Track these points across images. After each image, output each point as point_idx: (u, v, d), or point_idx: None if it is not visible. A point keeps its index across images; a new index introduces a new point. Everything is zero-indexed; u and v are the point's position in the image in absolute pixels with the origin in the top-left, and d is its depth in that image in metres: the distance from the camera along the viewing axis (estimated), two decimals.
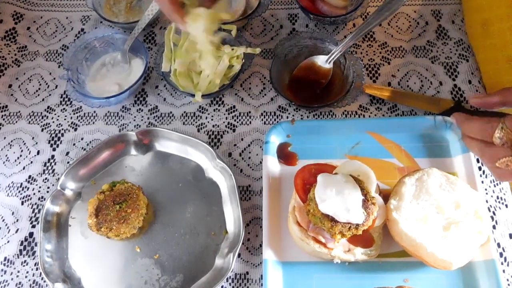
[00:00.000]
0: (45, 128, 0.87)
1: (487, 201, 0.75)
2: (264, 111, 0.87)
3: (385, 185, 0.75)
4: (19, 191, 0.81)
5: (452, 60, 0.91)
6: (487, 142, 0.56)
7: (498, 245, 0.72)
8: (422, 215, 0.67)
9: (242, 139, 0.84)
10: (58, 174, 0.82)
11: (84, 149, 0.85)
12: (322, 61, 0.85)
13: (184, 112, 0.88)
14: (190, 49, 0.85)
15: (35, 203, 0.80)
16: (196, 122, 0.87)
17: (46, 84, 0.93)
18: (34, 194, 0.81)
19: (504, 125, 0.53)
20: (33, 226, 0.78)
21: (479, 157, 0.60)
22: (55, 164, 0.83)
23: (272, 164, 0.78)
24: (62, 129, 0.87)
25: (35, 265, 0.75)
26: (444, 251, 0.64)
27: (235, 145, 0.84)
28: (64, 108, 0.90)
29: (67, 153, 0.84)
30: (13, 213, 0.79)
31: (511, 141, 0.52)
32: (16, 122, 0.88)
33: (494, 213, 0.74)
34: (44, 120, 0.88)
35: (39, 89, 0.92)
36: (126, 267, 0.73)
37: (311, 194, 0.67)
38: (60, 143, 0.86)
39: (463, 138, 0.62)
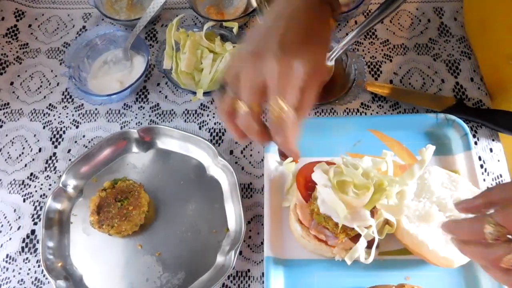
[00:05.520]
0: (47, 126, 0.87)
1: None
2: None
3: None
4: (21, 189, 0.81)
5: (454, 58, 0.91)
6: (483, 243, 0.49)
7: None
8: (424, 213, 0.67)
9: None
10: (59, 172, 0.82)
11: (86, 147, 0.85)
12: None
13: (186, 109, 0.88)
14: (193, 49, 0.85)
15: (37, 201, 0.80)
16: (197, 120, 0.87)
17: (48, 81, 0.93)
18: (36, 191, 0.81)
19: (493, 220, 0.48)
20: (35, 224, 0.78)
21: (479, 261, 0.52)
22: (56, 161, 0.84)
23: (273, 162, 0.78)
24: (64, 126, 0.87)
25: (37, 262, 0.75)
26: (446, 249, 0.64)
27: (236, 142, 0.84)
28: (65, 106, 0.90)
29: (69, 151, 0.84)
30: (15, 210, 0.79)
31: (503, 236, 0.47)
32: (18, 119, 0.88)
33: None
34: (46, 117, 0.88)
35: (41, 86, 0.92)
36: (128, 264, 0.73)
37: (315, 193, 0.66)
38: (62, 140, 0.86)
39: (456, 246, 0.54)
